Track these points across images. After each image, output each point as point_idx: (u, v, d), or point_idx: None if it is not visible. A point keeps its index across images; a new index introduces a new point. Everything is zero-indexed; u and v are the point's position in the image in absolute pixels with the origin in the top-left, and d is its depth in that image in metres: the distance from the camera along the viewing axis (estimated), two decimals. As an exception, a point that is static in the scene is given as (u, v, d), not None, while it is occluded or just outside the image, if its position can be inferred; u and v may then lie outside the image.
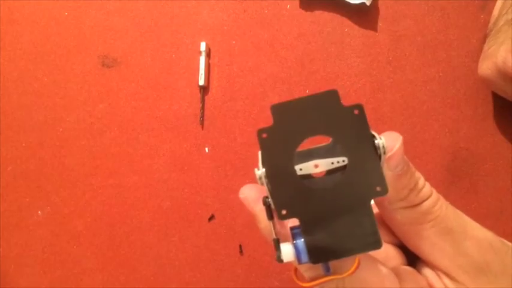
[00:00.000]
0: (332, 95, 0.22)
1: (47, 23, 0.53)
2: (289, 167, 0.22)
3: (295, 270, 0.24)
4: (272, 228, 0.23)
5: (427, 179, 0.26)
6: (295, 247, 0.22)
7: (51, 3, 0.53)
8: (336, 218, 0.22)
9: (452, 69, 0.47)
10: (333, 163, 0.23)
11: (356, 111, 0.22)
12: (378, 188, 0.21)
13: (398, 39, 0.48)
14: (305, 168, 0.23)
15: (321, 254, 0.22)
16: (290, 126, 0.22)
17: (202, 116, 0.49)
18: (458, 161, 0.45)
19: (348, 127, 0.22)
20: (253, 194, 0.24)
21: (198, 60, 0.49)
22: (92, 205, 0.49)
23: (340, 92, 0.22)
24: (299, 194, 0.22)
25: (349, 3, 0.48)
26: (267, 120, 0.47)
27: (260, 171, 0.22)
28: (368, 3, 0.47)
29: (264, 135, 0.22)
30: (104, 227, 0.49)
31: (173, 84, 0.50)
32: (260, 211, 0.23)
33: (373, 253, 0.24)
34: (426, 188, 0.24)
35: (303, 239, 0.22)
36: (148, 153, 0.49)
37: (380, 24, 0.49)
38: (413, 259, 0.26)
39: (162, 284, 0.47)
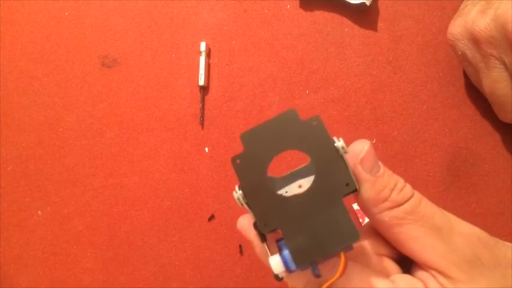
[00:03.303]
0: (291, 114, 0.25)
1: (47, 23, 0.53)
2: (264, 184, 0.24)
3: None
4: (267, 250, 0.24)
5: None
6: (282, 257, 0.23)
7: (51, 3, 0.53)
8: (313, 220, 0.23)
9: (452, 69, 0.47)
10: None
11: (314, 123, 0.25)
12: (347, 184, 0.23)
13: (398, 39, 0.48)
14: (290, 190, 0.25)
15: (304, 256, 0.23)
16: (259, 149, 0.25)
17: (202, 116, 0.49)
18: (458, 161, 0.45)
19: (311, 138, 0.24)
20: (247, 222, 0.25)
21: (198, 60, 0.50)
22: (92, 205, 0.49)
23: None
24: (276, 206, 0.24)
25: (349, 3, 0.48)
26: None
27: (237, 193, 0.24)
28: (368, 3, 0.47)
29: (238, 161, 0.25)
30: (104, 227, 0.49)
31: (173, 84, 0.50)
32: (254, 236, 0.25)
33: (369, 265, 0.26)
34: (407, 188, 0.25)
35: (287, 248, 0.23)
36: (148, 153, 0.49)
37: (380, 24, 0.49)
38: (408, 270, 0.26)
39: (162, 284, 0.47)
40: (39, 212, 0.50)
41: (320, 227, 0.23)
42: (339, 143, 0.24)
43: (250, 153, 0.25)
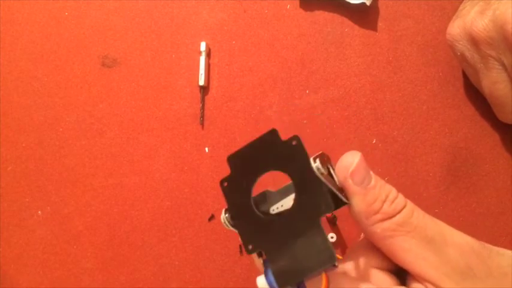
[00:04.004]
0: (273, 134, 0.25)
1: (47, 23, 0.53)
2: (249, 206, 0.24)
3: None
4: (262, 266, 0.25)
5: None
6: (267, 278, 0.24)
7: (51, 3, 0.53)
8: (293, 242, 0.23)
9: (452, 69, 0.47)
10: None
11: (294, 143, 0.24)
12: (323, 207, 0.23)
13: (398, 39, 0.48)
14: (285, 203, 0.26)
15: (286, 278, 0.23)
16: (244, 171, 0.25)
17: (202, 116, 0.49)
18: (458, 161, 0.45)
19: (290, 158, 0.24)
20: None
21: (198, 60, 0.50)
22: (92, 205, 0.49)
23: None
24: (261, 228, 0.24)
25: (349, 3, 0.48)
26: (266, 120, 0.47)
27: (223, 216, 0.25)
28: (368, 3, 0.47)
29: (225, 184, 0.25)
30: (104, 227, 0.49)
31: (173, 84, 0.50)
32: None
33: (363, 277, 0.26)
34: (399, 199, 0.25)
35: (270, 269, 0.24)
36: (148, 153, 0.49)
37: (380, 24, 0.49)
38: (405, 282, 0.26)
39: (162, 284, 0.47)
40: (39, 212, 0.50)
41: (300, 249, 0.23)
42: (315, 164, 0.23)
43: (236, 176, 0.25)
